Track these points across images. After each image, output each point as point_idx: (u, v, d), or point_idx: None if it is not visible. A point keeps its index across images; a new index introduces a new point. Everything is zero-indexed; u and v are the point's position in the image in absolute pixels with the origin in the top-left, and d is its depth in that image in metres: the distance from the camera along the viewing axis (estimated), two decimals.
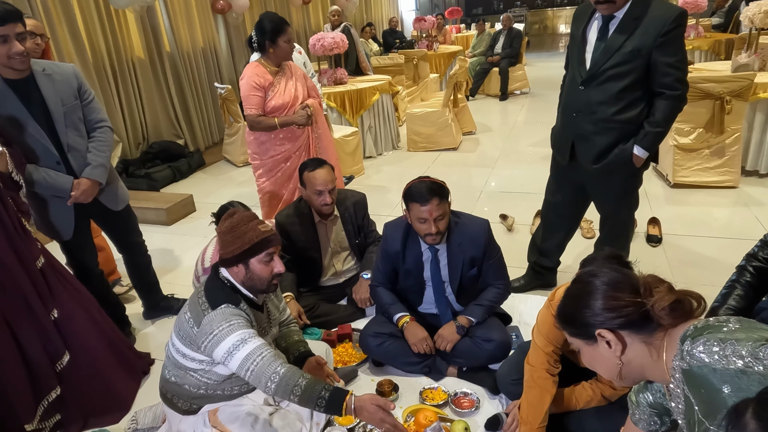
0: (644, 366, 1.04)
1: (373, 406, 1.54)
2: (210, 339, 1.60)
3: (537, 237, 2.78)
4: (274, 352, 1.62)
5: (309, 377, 1.57)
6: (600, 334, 1.02)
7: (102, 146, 2.27)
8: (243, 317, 1.64)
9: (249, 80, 2.85)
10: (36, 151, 2.12)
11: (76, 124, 2.19)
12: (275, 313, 1.92)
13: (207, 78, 6.29)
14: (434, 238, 2.02)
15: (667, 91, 2.08)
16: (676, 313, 0.99)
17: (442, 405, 2.00)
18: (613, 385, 1.71)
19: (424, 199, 1.95)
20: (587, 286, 1.06)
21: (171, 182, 5.11)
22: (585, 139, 2.27)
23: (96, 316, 2.18)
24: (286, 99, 2.91)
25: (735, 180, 3.86)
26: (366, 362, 2.29)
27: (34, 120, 2.07)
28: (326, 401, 1.53)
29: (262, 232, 1.67)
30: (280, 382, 1.53)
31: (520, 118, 6.78)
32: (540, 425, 1.71)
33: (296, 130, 2.97)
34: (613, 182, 2.31)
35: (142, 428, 2.06)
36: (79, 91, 2.20)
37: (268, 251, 1.68)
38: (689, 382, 0.94)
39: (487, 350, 2.08)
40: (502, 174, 4.72)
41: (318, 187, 2.41)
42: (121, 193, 2.45)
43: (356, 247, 2.66)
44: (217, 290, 1.70)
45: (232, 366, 1.58)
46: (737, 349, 0.87)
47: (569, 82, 2.35)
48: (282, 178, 3.07)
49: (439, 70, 8.51)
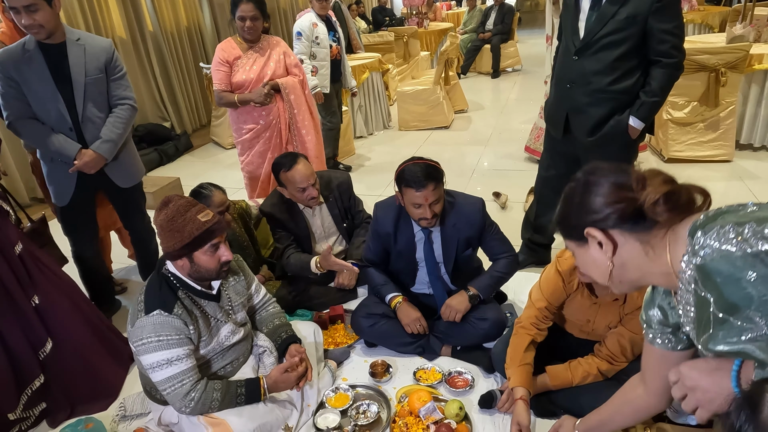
0: (642, 269, 0.94)
1: (282, 374, 1.72)
2: (138, 345, 1.58)
3: (531, 213, 2.74)
4: (196, 378, 1.63)
5: (222, 386, 1.67)
6: (588, 233, 0.94)
7: (118, 122, 2.28)
8: (174, 330, 1.57)
9: (216, 55, 2.85)
10: (51, 115, 2.18)
11: (95, 97, 2.23)
12: (238, 299, 1.83)
13: (192, 58, 6.14)
14: (429, 222, 1.96)
15: (664, 59, 2.02)
16: (672, 207, 0.87)
17: (437, 385, 1.97)
18: (609, 360, 1.69)
19: (420, 185, 1.86)
20: (577, 184, 0.99)
21: (158, 166, 5.01)
22: (580, 111, 2.21)
23: (79, 302, 2.13)
24: (250, 76, 2.82)
25: (729, 154, 3.83)
26: (358, 343, 2.25)
27: (54, 85, 2.14)
28: (245, 395, 1.68)
29: (203, 223, 1.55)
30: (195, 407, 1.62)
31: (513, 96, 6.69)
32: (521, 364, 1.72)
33: (263, 108, 2.87)
34: (609, 155, 2.24)
35: (130, 415, 2.02)
36: (108, 66, 2.25)
37: (211, 243, 1.58)
38: (704, 278, 0.81)
39: (482, 329, 2.04)
40: (495, 152, 4.66)
41: (300, 185, 2.31)
42: (133, 171, 2.46)
43: (345, 230, 2.60)
44: (153, 290, 1.62)
45: (154, 378, 1.61)
46: (758, 230, 0.74)
47: (562, 52, 2.27)
48: (255, 157, 2.98)
49: (430, 47, 8.37)
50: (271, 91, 2.83)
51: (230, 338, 1.76)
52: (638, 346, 1.64)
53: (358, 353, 2.21)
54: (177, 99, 5.84)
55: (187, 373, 1.60)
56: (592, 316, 1.71)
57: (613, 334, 1.68)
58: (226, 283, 1.80)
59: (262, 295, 2.00)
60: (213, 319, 1.72)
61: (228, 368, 1.79)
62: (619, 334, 1.66)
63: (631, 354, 1.67)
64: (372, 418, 1.81)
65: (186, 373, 1.59)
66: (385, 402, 1.90)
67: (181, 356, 1.58)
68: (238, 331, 1.79)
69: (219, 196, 2.18)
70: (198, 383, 1.63)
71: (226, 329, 1.75)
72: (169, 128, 5.57)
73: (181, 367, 1.58)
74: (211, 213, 1.61)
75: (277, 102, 2.90)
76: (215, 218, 1.60)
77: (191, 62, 6.10)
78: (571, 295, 1.71)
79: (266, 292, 2.02)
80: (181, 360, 1.58)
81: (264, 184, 3.04)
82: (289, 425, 1.69)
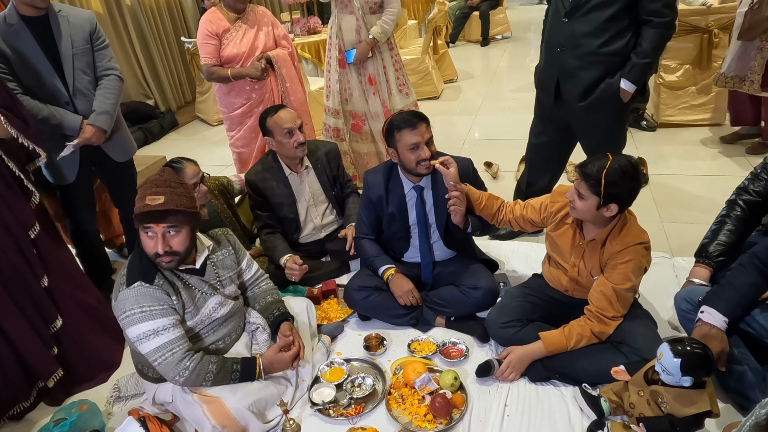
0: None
1: (277, 354, 1.75)
2: (122, 318, 1.58)
3: (522, 182, 2.71)
4: (187, 347, 1.61)
5: (218, 360, 1.66)
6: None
7: (108, 93, 2.25)
8: (156, 300, 1.57)
9: (202, 27, 2.71)
10: (47, 89, 2.14)
11: (84, 68, 2.20)
12: (225, 273, 1.80)
13: (173, 33, 5.96)
14: (428, 166, 1.95)
15: (655, 18, 1.97)
16: None
17: (431, 356, 1.97)
18: (600, 316, 1.72)
19: (412, 124, 1.90)
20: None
21: (143, 145, 4.91)
22: (570, 75, 2.16)
23: (79, 280, 2.16)
24: (242, 49, 2.72)
25: (721, 117, 3.79)
26: (352, 317, 2.24)
27: (46, 58, 2.10)
28: (240, 372, 1.68)
29: (144, 204, 1.52)
30: (189, 376, 1.60)
31: (503, 64, 6.59)
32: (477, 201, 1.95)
33: (256, 83, 2.79)
34: (600, 119, 2.22)
35: (125, 396, 2.01)
36: (92, 37, 2.22)
37: (144, 226, 1.56)
38: None
39: (475, 298, 2.04)
40: (486, 121, 4.61)
41: (286, 125, 2.28)
42: (126, 145, 2.44)
43: (334, 198, 2.55)
44: (134, 262, 1.62)
45: (143, 350, 1.59)
46: None
47: (552, 15, 2.21)
48: (247, 132, 2.90)
49: (418, 16, 8.16)
50: (266, 65, 2.75)
51: (219, 310, 1.74)
52: (623, 299, 1.70)
53: (352, 327, 2.20)
54: (160, 76, 5.68)
55: (176, 342, 1.59)
56: (577, 260, 1.79)
57: (596, 289, 1.74)
58: (213, 257, 1.78)
59: (254, 270, 1.97)
60: (198, 291, 1.70)
61: (220, 344, 1.78)
62: (602, 287, 1.71)
63: (619, 306, 1.71)
64: (367, 390, 1.81)
65: (174, 342, 1.59)
66: (380, 374, 1.90)
67: (167, 326, 1.57)
68: (226, 303, 1.77)
69: (191, 168, 2.15)
70: (192, 353, 1.62)
71: (214, 301, 1.73)
72: (153, 106, 5.45)
73: (169, 337, 1.58)
74: (163, 199, 1.52)
75: (270, 75, 2.82)
76: (163, 206, 1.52)
77: (172, 37, 5.93)
78: (561, 230, 1.84)
79: (258, 268, 1.99)
80: (168, 330, 1.58)
81: (255, 161, 2.97)
82: (284, 401, 1.69)
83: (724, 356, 1.54)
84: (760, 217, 1.85)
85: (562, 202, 1.84)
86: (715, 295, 1.60)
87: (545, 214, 1.90)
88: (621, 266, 1.67)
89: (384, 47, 3.05)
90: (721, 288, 1.61)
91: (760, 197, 1.80)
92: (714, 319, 1.54)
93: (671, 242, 2.58)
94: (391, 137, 1.96)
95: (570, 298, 1.90)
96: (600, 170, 1.59)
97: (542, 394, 1.75)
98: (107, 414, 1.95)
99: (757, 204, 1.81)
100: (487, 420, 1.68)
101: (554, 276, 1.92)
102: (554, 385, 1.78)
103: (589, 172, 1.61)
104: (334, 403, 1.79)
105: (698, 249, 1.88)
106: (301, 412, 1.78)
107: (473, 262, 2.18)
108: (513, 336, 1.86)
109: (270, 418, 1.72)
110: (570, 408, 1.68)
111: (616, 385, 1.62)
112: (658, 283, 2.17)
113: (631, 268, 1.67)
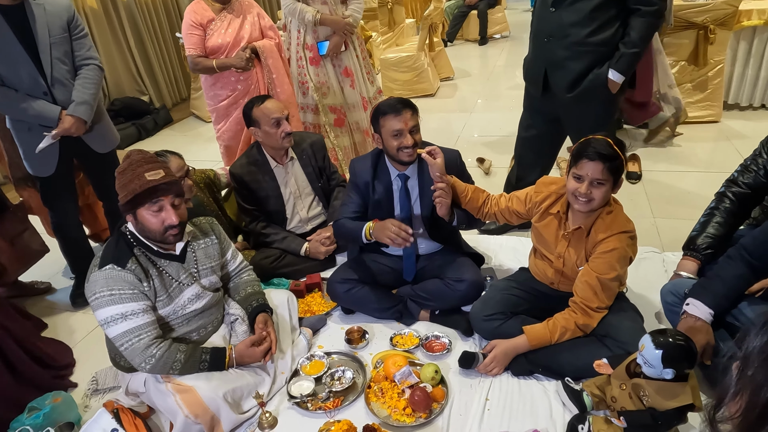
0: None
1: (248, 348, 1.72)
2: (92, 299, 1.56)
3: (512, 176, 2.68)
4: (155, 334, 1.59)
5: (186, 349, 1.62)
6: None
7: (87, 83, 2.21)
8: (127, 284, 1.54)
9: (186, 18, 2.68)
10: (25, 79, 2.10)
11: (62, 57, 2.16)
12: (207, 262, 1.77)
13: (169, 29, 5.93)
14: (411, 153, 1.91)
15: (643, 6, 1.94)
16: None
17: (413, 350, 1.93)
18: (584, 307, 1.69)
19: (397, 110, 1.88)
20: None
21: (137, 140, 4.88)
22: (558, 65, 2.13)
23: None
24: (227, 39, 2.68)
25: (717, 114, 3.75)
26: (335, 311, 2.20)
27: (22, 48, 2.05)
28: (208, 362, 1.65)
29: (147, 181, 1.51)
30: (155, 364, 1.58)
31: (500, 62, 6.55)
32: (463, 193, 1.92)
33: (242, 73, 2.76)
34: (589, 111, 2.18)
35: (103, 389, 1.98)
36: (70, 25, 2.18)
37: (153, 200, 1.53)
38: None
39: (459, 291, 2.00)
40: (481, 119, 4.57)
41: (274, 115, 2.25)
42: (109, 136, 2.41)
43: (320, 190, 2.51)
44: (110, 246, 1.62)
45: (109, 334, 1.58)
46: None
47: (539, 5, 2.19)
48: (233, 124, 2.86)
49: (416, 14, 8.17)
50: (252, 55, 2.72)
51: (194, 302, 1.71)
52: (607, 289, 1.67)
53: (335, 320, 2.16)
54: (155, 72, 5.65)
55: (144, 328, 1.56)
56: (562, 250, 1.76)
57: (581, 279, 1.70)
58: (194, 244, 1.75)
59: (239, 262, 1.94)
60: (174, 280, 1.67)
61: (194, 335, 1.75)
62: (586, 277, 1.67)
63: (603, 297, 1.67)
64: (347, 384, 1.78)
65: (143, 328, 1.56)
66: (360, 368, 1.86)
67: (136, 311, 1.55)
68: (204, 295, 1.73)
69: (176, 161, 2.11)
70: (159, 340, 1.59)
71: (190, 292, 1.69)
72: (148, 102, 5.41)
73: (137, 322, 1.55)
74: (164, 173, 1.54)
75: (255, 66, 2.79)
76: (166, 179, 1.54)
77: (168, 33, 5.90)
78: (545, 220, 1.80)
79: (243, 259, 1.97)
80: (137, 315, 1.55)
81: (242, 153, 2.94)
82: (260, 393, 1.65)
83: (710, 349, 1.50)
84: (749, 210, 1.81)
85: (547, 192, 1.80)
86: (702, 288, 1.56)
87: (530, 205, 1.86)
88: (605, 255, 1.64)
89: (354, 38, 3.05)
90: (708, 280, 1.58)
91: (749, 189, 1.77)
92: (699, 312, 1.51)
93: (662, 238, 2.54)
94: (377, 122, 1.94)
95: (556, 291, 1.87)
96: (609, 146, 1.55)
97: (524, 388, 1.71)
98: (84, 407, 1.92)
99: (747, 196, 1.77)
100: (467, 414, 1.65)
101: (540, 268, 1.89)
102: (537, 379, 1.74)
103: (607, 153, 1.54)
104: (313, 396, 1.75)
105: (686, 242, 1.85)
106: (279, 405, 1.75)
107: (459, 256, 2.14)
108: (496, 329, 1.82)
109: (245, 409, 1.69)
110: (552, 402, 1.65)
111: (599, 380, 1.59)
112: (648, 277, 2.14)
113: (615, 257, 1.63)
